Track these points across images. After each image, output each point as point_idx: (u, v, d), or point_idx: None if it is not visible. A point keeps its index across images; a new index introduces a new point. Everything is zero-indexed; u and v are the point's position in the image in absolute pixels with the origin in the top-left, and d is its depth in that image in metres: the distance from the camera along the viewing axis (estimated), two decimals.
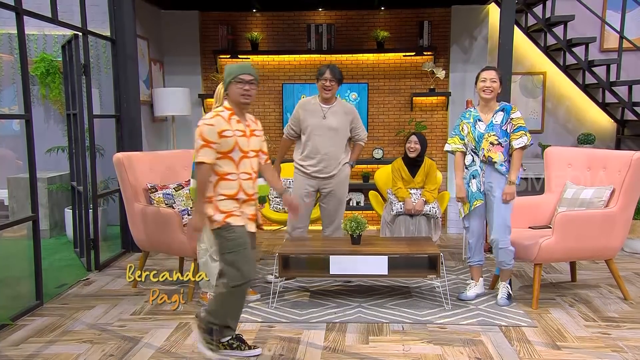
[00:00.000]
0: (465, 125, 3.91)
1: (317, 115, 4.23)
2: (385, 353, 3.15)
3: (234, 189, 2.92)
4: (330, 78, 4.15)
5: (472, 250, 4.04)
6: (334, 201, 4.36)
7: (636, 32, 6.00)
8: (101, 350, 3.20)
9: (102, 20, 5.15)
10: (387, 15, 6.38)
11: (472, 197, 3.91)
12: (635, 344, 3.24)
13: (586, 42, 5.57)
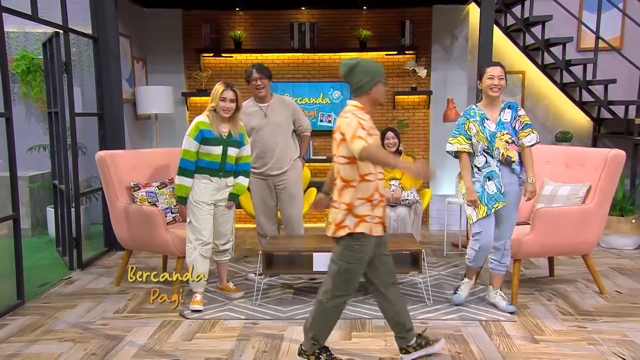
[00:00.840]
0: (472, 125, 3.60)
1: (258, 116, 4.29)
2: (367, 348, 3.16)
3: (371, 191, 2.75)
4: (260, 76, 4.20)
5: (478, 258, 3.70)
6: (287, 197, 4.41)
7: (611, 33, 6.09)
8: (83, 349, 3.16)
9: (84, 18, 5.08)
10: (369, 14, 6.39)
11: (491, 199, 3.56)
12: (610, 336, 3.29)
13: (563, 42, 5.63)
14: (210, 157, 3.63)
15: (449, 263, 4.84)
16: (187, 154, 3.61)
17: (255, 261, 4.43)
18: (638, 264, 4.81)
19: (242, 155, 3.83)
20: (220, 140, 3.64)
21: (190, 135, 3.59)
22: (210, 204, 3.72)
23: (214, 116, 3.64)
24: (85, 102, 6.08)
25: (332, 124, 6.37)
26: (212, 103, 3.62)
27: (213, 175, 3.69)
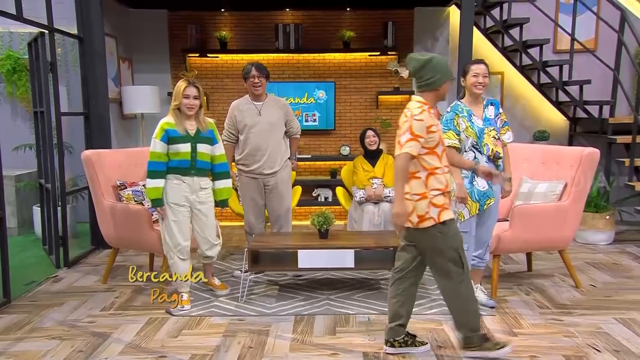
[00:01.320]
0: (461, 120, 3.52)
1: (252, 114, 4.23)
2: (351, 343, 3.16)
3: (444, 183, 2.80)
4: (258, 75, 4.16)
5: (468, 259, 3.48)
6: (278, 198, 4.37)
7: (586, 35, 6.16)
8: (70, 346, 3.13)
9: (70, 18, 5.01)
10: (352, 15, 6.39)
11: (483, 195, 3.52)
12: (585, 329, 3.34)
13: (540, 43, 5.69)
14: (179, 155, 3.54)
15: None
16: (153, 155, 3.52)
17: (241, 258, 4.42)
18: (612, 259, 4.88)
19: (215, 155, 3.71)
20: (187, 138, 3.54)
21: (156, 136, 3.52)
22: (184, 205, 3.61)
23: (178, 115, 3.56)
24: (71, 101, 6.00)
25: (317, 123, 6.38)
26: (175, 101, 3.54)
27: (185, 174, 3.58)
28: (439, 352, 3.04)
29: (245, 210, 4.44)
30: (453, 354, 3.02)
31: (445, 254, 2.83)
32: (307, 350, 3.08)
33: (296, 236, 4.26)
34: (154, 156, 3.52)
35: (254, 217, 4.40)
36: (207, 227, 3.73)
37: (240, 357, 3.00)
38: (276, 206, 4.40)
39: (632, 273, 4.47)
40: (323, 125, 6.42)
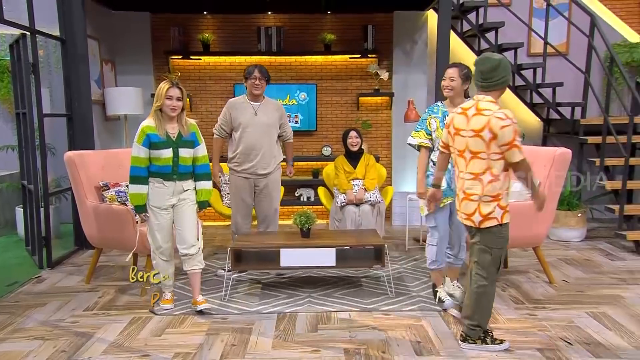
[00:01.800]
0: (433, 120, 3.58)
1: (248, 113, 4.22)
2: (333, 340, 3.17)
3: (507, 184, 2.91)
4: (260, 77, 4.18)
5: (440, 253, 3.64)
6: (267, 198, 4.36)
7: (558, 39, 6.26)
8: (53, 347, 3.08)
9: (52, 20, 4.93)
10: (333, 19, 6.40)
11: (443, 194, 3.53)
12: (558, 323, 3.39)
13: (515, 47, 5.75)
14: (160, 161, 3.38)
15: (411, 257, 4.89)
16: (136, 160, 3.37)
17: (224, 258, 4.39)
18: (584, 255, 4.96)
19: (197, 156, 3.55)
20: (169, 143, 3.39)
21: (138, 141, 3.36)
22: (166, 208, 3.49)
23: (159, 117, 3.41)
24: (53, 103, 5.91)
25: (298, 125, 6.37)
26: (157, 102, 3.39)
27: (167, 179, 3.44)
28: (418, 348, 3.06)
29: (234, 210, 4.40)
30: (432, 349, 3.04)
31: (493, 253, 2.93)
32: (289, 347, 3.08)
33: (279, 235, 4.25)
34: (136, 161, 3.38)
35: (241, 218, 4.37)
36: (185, 225, 3.51)
37: (223, 355, 2.98)
38: (265, 207, 4.38)
39: (602, 269, 4.55)
40: (305, 126, 6.42)
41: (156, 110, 3.43)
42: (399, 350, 3.02)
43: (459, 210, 3.06)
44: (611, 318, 3.47)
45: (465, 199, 2.95)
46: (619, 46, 6.19)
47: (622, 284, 4.15)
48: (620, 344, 3.09)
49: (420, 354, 2.98)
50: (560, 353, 2.98)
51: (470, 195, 2.91)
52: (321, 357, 2.95)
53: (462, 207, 2.99)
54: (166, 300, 3.66)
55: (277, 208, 4.46)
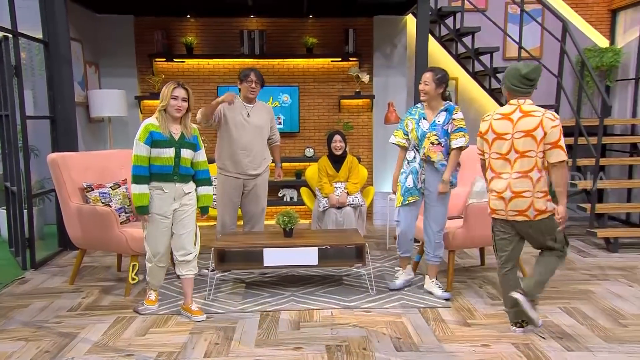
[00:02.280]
0: (409, 121, 3.74)
1: (241, 114, 4.21)
2: (315, 337, 3.17)
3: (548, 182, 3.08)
4: (256, 80, 4.19)
5: (400, 243, 3.91)
6: (255, 199, 4.35)
7: (532, 43, 6.36)
8: (36, 347, 3.03)
9: (35, 22, 4.85)
10: (315, 23, 6.40)
11: (407, 192, 3.76)
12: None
13: (491, 51, 5.82)
14: (161, 160, 3.26)
15: (391, 255, 4.91)
16: (138, 159, 3.23)
17: (209, 257, 4.36)
18: None
19: (198, 161, 3.44)
20: (171, 142, 3.27)
21: (140, 139, 3.23)
22: (167, 217, 3.35)
23: (164, 117, 3.29)
24: (37, 105, 5.81)
25: (281, 126, 6.36)
26: (163, 102, 3.28)
27: (167, 181, 3.30)
28: (398, 344, 3.08)
29: (221, 210, 4.35)
30: (411, 345, 3.06)
31: (553, 235, 3.14)
32: (272, 345, 3.07)
33: (262, 235, 4.23)
34: (139, 160, 3.23)
35: (229, 217, 4.34)
36: (186, 232, 3.40)
37: (207, 353, 2.97)
38: (253, 207, 4.37)
39: (575, 265, 4.62)
40: (288, 128, 6.41)
41: (161, 111, 3.31)
42: (379, 347, 3.03)
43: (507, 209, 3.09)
44: (583, 312, 3.54)
45: (515, 197, 3.04)
46: (589, 51, 6.32)
47: (593, 279, 4.22)
48: (591, 338, 3.15)
49: (400, 350, 2.99)
50: (535, 347, 3.02)
51: (520, 193, 3.03)
52: (304, 354, 2.95)
53: (511, 205, 3.07)
54: (150, 301, 3.60)
55: (264, 207, 4.46)
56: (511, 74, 3.06)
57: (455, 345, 3.05)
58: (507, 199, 3.06)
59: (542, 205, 3.03)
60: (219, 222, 4.37)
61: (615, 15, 6.52)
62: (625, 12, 6.38)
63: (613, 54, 6.23)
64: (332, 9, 5.99)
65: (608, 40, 6.54)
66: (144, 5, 5.79)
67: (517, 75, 3.04)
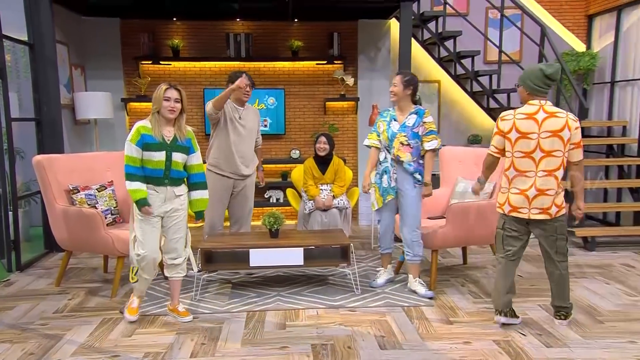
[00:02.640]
0: (381, 123, 3.86)
1: (235, 114, 4.20)
2: (300, 336, 3.17)
3: None
4: (249, 84, 4.17)
5: (382, 241, 4.05)
6: (243, 199, 4.35)
7: (512, 47, 6.43)
8: (21, 349, 2.99)
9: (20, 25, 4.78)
10: (300, 26, 6.40)
11: (385, 192, 3.86)
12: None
13: (472, 55, 5.87)
14: (152, 164, 3.17)
15: (376, 255, 4.93)
16: (129, 159, 3.15)
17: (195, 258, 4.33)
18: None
19: (192, 164, 3.34)
20: (162, 145, 3.17)
21: (132, 140, 3.15)
22: (157, 216, 3.26)
23: (157, 119, 3.20)
24: (22, 107, 5.73)
25: (267, 128, 6.34)
26: (155, 105, 3.19)
27: (158, 184, 3.22)
28: (382, 342, 3.09)
29: (210, 210, 4.19)
30: (395, 343, 3.08)
31: (567, 238, 3.22)
32: (258, 344, 3.06)
33: (248, 236, 4.22)
34: (130, 160, 3.15)
35: (218, 218, 4.30)
36: (174, 234, 3.33)
37: (193, 353, 2.95)
38: (240, 209, 4.38)
39: None
40: (274, 130, 6.40)
41: (154, 113, 3.21)
42: (364, 345, 3.04)
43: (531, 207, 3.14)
44: None
45: (539, 195, 3.10)
46: (567, 55, 6.41)
47: (571, 277, 4.27)
48: (569, 334, 3.19)
49: (384, 348, 3.00)
50: (515, 343, 3.05)
51: (545, 191, 3.10)
52: (289, 353, 2.95)
53: (535, 203, 3.12)
54: (132, 310, 3.40)
55: (252, 208, 4.46)
56: (534, 75, 3.10)
57: (438, 343, 3.07)
58: (532, 197, 3.12)
59: (560, 200, 3.13)
60: (207, 222, 4.32)
61: (592, 21, 6.63)
62: (601, 17, 6.48)
63: (590, 58, 6.33)
64: (317, 13, 6.00)
65: (585, 44, 6.65)
66: (130, 8, 5.74)
67: (541, 76, 3.08)
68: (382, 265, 4.13)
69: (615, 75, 6.22)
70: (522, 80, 3.16)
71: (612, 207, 5.73)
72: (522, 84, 3.17)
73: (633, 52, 5.93)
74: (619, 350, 2.97)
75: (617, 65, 6.19)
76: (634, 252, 5.05)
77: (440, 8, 6.01)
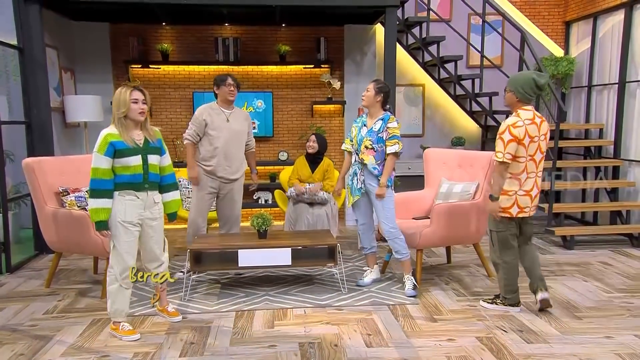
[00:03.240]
0: (354, 129, 3.96)
1: (221, 119, 4.16)
2: (288, 335, 3.16)
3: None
4: (234, 84, 4.15)
5: (362, 240, 4.07)
6: (231, 203, 4.33)
7: (494, 52, 6.49)
8: (11, 350, 2.95)
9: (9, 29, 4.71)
10: (287, 31, 6.40)
11: (353, 191, 3.95)
12: (495, 313, 3.50)
13: (455, 59, 5.91)
14: (129, 170, 2.99)
15: (362, 255, 4.93)
16: (97, 172, 2.92)
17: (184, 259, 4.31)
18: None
19: (164, 166, 3.20)
20: (137, 150, 3.00)
21: (99, 151, 2.92)
22: (137, 224, 3.07)
23: (123, 124, 3.00)
24: (12, 110, 5.64)
25: (256, 131, 6.32)
26: (122, 109, 2.98)
27: (139, 189, 3.04)
28: (368, 340, 3.09)
29: (195, 212, 4.24)
30: (381, 341, 3.08)
31: None
32: (247, 343, 3.05)
33: (237, 236, 4.20)
34: (98, 173, 2.92)
35: (202, 220, 4.28)
36: (156, 244, 3.20)
37: (182, 353, 2.93)
38: (228, 211, 4.35)
39: None
40: (262, 132, 6.39)
41: (120, 118, 3.01)
42: (350, 343, 3.04)
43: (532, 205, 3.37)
44: None
45: (538, 192, 3.39)
46: (546, 60, 6.48)
47: (551, 275, 4.33)
48: (549, 330, 3.22)
49: (370, 346, 3.01)
50: (497, 340, 3.08)
51: (540, 189, 3.40)
52: (277, 351, 2.94)
53: (536, 201, 3.38)
54: (129, 331, 3.12)
55: (240, 212, 4.44)
56: (527, 84, 3.18)
57: (422, 340, 3.08)
58: (534, 196, 3.35)
59: None
60: (192, 223, 4.27)
61: (569, 27, 6.72)
62: (577, 24, 6.57)
63: (567, 63, 6.41)
64: (303, 18, 6.00)
65: (563, 50, 6.73)
66: (119, 12, 5.69)
67: (534, 85, 3.20)
68: (368, 265, 4.15)
69: (592, 79, 6.30)
70: (514, 86, 3.21)
71: (590, 207, 5.81)
72: (512, 90, 3.23)
73: (609, 57, 6.01)
74: (596, 345, 3.01)
75: (594, 70, 6.28)
76: (610, 250, 5.12)
77: (424, 14, 6.04)
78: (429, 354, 2.90)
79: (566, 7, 6.67)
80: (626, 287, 4.03)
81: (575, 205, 5.97)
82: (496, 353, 2.91)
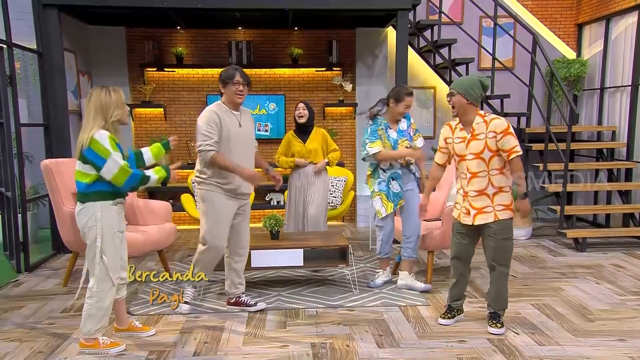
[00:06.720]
0: (380, 132, 3.84)
1: (234, 124, 3.34)
2: (301, 334, 3.17)
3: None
4: (243, 82, 3.32)
5: (385, 247, 3.98)
6: (245, 219, 3.55)
7: (505, 55, 6.44)
8: (30, 348, 2.99)
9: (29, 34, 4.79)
10: (300, 34, 6.42)
11: (396, 197, 3.84)
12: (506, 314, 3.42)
13: (466, 62, 5.88)
14: None
15: (374, 256, 4.92)
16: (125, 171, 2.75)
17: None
18: (530, 252, 5.10)
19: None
20: (123, 155, 2.86)
21: (114, 148, 2.74)
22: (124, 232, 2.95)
23: (116, 129, 2.82)
24: (31, 113, 5.73)
25: (268, 133, 6.36)
26: (119, 110, 2.80)
27: (124, 196, 2.91)
28: (380, 341, 3.09)
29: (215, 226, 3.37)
30: (392, 342, 3.08)
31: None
32: (259, 343, 3.06)
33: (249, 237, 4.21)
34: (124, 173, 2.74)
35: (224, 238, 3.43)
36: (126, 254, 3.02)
37: (196, 352, 2.95)
38: (243, 230, 3.55)
39: (546, 264, 4.69)
40: (275, 134, 6.41)
41: (114, 122, 2.81)
42: (362, 344, 3.04)
43: None
44: (553, 309, 3.58)
45: None
46: (558, 62, 6.42)
47: (563, 277, 4.28)
48: (561, 333, 3.19)
49: (381, 346, 3.00)
50: (508, 342, 3.05)
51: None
52: (289, 351, 2.95)
53: None
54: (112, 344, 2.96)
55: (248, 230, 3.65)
56: (476, 85, 3.07)
57: (434, 342, 3.07)
58: None
59: None
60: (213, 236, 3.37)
61: (581, 30, 6.65)
62: (590, 26, 6.50)
63: (580, 65, 6.34)
64: (316, 21, 6.02)
65: (575, 52, 6.66)
66: (135, 17, 5.76)
67: (481, 86, 3.11)
68: (381, 267, 4.12)
69: (605, 81, 6.23)
70: (464, 89, 3.05)
71: (602, 209, 5.74)
72: (462, 93, 3.06)
73: (621, 59, 5.94)
74: (608, 347, 2.98)
75: (607, 72, 6.21)
76: (623, 252, 5.05)
77: (436, 17, 6.02)
78: (440, 355, 2.89)
79: (578, 10, 6.61)
80: (639, 289, 3.97)
81: (587, 207, 5.91)
82: (508, 355, 2.89)
